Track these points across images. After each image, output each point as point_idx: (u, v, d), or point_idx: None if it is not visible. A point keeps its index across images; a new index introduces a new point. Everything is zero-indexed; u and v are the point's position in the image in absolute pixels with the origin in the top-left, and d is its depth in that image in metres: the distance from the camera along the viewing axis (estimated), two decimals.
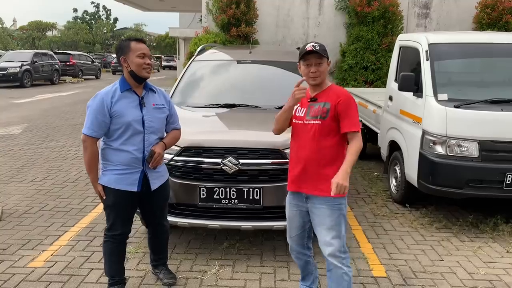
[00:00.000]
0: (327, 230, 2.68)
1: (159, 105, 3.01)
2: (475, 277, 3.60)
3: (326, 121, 2.68)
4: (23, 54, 22.31)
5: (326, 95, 2.74)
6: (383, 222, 4.72)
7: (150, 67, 2.90)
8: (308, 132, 2.72)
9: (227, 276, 3.52)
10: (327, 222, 2.68)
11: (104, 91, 2.88)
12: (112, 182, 2.90)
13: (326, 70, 2.77)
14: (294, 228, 2.91)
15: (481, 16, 9.83)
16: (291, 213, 2.89)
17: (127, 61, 2.85)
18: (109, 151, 2.91)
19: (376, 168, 6.89)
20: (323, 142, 2.68)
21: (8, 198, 5.32)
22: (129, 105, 2.87)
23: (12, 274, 3.50)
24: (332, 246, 2.68)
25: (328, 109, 2.68)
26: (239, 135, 3.88)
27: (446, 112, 4.32)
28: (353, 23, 10.10)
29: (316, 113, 2.71)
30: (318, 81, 2.74)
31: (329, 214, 2.68)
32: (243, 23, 10.04)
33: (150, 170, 2.97)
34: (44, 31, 56.41)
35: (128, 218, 3.08)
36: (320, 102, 2.73)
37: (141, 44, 2.88)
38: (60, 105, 14.17)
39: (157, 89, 3.09)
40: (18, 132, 9.51)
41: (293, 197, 2.87)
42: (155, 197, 3.09)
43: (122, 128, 2.84)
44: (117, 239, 3.06)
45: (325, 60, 2.73)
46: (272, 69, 5.31)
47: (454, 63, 5.11)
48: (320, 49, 2.69)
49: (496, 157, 4.24)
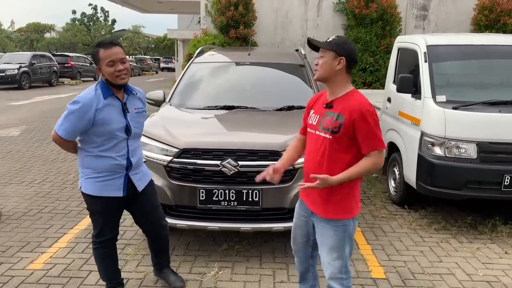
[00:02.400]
0: (329, 251, 2.48)
1: (140, 109, 2.92)
2: (474, 278, 3.61)
3: (337, 137, 2.36)
4: (21, 56, 22.24)
5: (343, 104, 2.39)
6: (382, 224, 4.73)
7: (123, 73, 2.69)
8: (319, 146, 2.43)
9: (226, 278, 3.52)
10: (329, 242, 2.47)
11: (88, 98, 2.68)
12: (98, 190, 2.81)
13: (331, 66, 2.37)
14: (299, 236, 2.74)
15: (479, 18, 9.85)
16: (298, 221, 2.70)
17: (101, 71, 2.70)
18: (89, 158, 2.79)
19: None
20: (332, 161, 2.39)
21: (6, 200, 5.31)
22: (113, 112, 2.74)
23: (11, 277, 3.49)
24: (332, 268, 2.49)
25: (341, 123, 2.34)
26: (238, 137, 3.88)
27: (444, 114, 4.33)
28: (351, 25, 10.12)
29: (327, 126, 2.40)
30: (317, 75, 2.43)
31: (332, 234, 2.46)
32: (241, 25, 10.04)
33: (133, 173, 2.90)
34: (42, 33, 56.41)
35: (116, 222, 3.04)
36: (334, 111, 2.41)
37: (109, 49, 2.65)
38: (58, 107, 14.15)
39: (137, 90, 2.97)
40: (16, 134, 9.50)
41: (301, 206, 2.67)
42: (143, 197, 3.01)
43: (105, 136, 2.73)
44: (107, 244, 3.03)
45: (330, 54, 2.37)
46: (271, 71, 5.32)
47: (453, 65, 5.13)
48: (325, 42, 2.41)
49: (495, 158, 4.25)
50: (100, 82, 2.77)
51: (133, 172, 2.92)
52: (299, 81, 5.05)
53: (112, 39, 3.09)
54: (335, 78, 2.41)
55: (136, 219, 3.17)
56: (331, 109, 2.43)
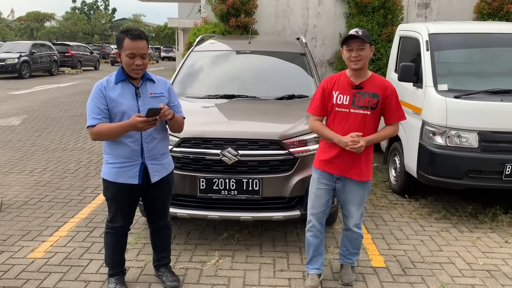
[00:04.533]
0: (358, 206, 3.10)
1: (157, 94, 2.88)
2: (474, 267, 3.62)
3: (375, 112, 2.92)
4: (21, 45, 22.15)
5: (373, 85, 2.92)
6: (382, 213, 4.73)
7: (140, 68, 2.73)
8: (354, 121, 2.92)
9: (226, 267, 3.53)
10: (358, 199, 3.08)
11: (100, 81, 2.81)
12: (113, 175, 2.86)
13: (369, 56, 2.89)
14: (319, 205, 3.13)
15: (482, 6, 9.75)
16: (319, 191, 3.12)
17: (120, 57, 2.76)
18: (109, 144, 2.85)
19: (376, 159, 6.88)
20: (368, 131, 2.92)
21: (7, 189, 5.32)
22: (123, 94, 2.77)
23: (12, 265, 3.51)
24: (356, 217, 3.13)
25: (378, 100, 2.90)
26: (239, 126, 3.87)
27: (446, 103, 4.31)
28: (353, 13, 10.02)
29: (365, 103, 2.90)
30: (360, 65, 2.86)
31: (362, 193, 3.08)
32: (242, 13, 9.95)
33: (150, 162, 2.90)
34: (42, 22, 56.03)
35: (129, 211, 3.06)
36: (368, 91, 2.91)
37: (135, 42, 2.68)
38: (59, 96, 14.13)
39: (158, 78, 2.97)
40: (17, 123, 9.50)
41: (323, 176, 3.10)
42: (156, 190, 3.02)
43: (118, 116, 2.76)
44: (118, 231, 3.06)
45: (367, 46, 2.86)
46: (272, 59, 5.28)
47: (455, 54, 5.09)
48: (362, 34, 2.81)
49: (496, 147, 4.24)
50: (119, 68, 2.84)
51: (151, 162, 2.91)
52: (300, 70, 5.01)
53: (141, 31, 3.00)
54: (367, 64, 2.93)
55: (145, 207, 3.21)
56: (361, 90, 2.92)
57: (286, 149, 3.58)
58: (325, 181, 3.10)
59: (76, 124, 9.52)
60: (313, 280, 3.22)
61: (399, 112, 2.98)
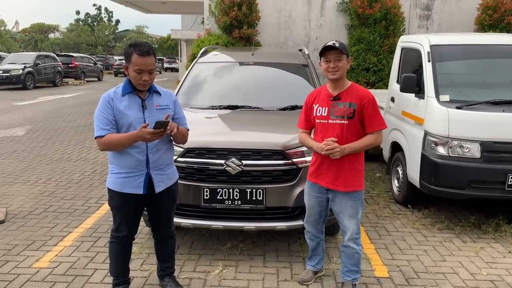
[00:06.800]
0: (349, 218, 3.08)
1: (163, 106, 2.93)
2: (477, 277, 3.61)
3: (353, 121, 2.94)
4: (26, 56, 22.38)
5: (350, 95, 2.97)
6: (386, 223, 4.74)
7: (147, 83, 2.78)
8: (332, 131, 2.97)
9: (230, 277, 3.54)
10: (349, 211, 3.06)
11: (107, 92, 2.87)
12: (118, 185, 2.89)
13: (346, 67, 2.96)
14: (313, 215, 3.25)
15: (483, 17, 9.83)
16: (311, 202, 3.22)
17: (127, 70, 2.81)
18: (114, 154, 2.88)
19: (378, 169, 6.91)
20: (347, 140, 2.94)
21: (12, 199, 5.35)
22: (130, 106, 2.82)
23: (17, 275, 3.53)
24: (351, 230, 3.09)
25: (354, 109, 2.93)
26: (242, 136, 3.90)
27: (448, 113, 4.34)
28: (355, 24, 10.11)
29: (341, 113, 2.95)
30: (338, 75, 2.93)
31: (351, 204, 3.06)
32: (245, 25, 10.06)
33: (155, 172, 2.93)
34: (46, 33, 56.62)
35: (134, 220, 3.07)
36: (345, 101, 2.96)
37: (143, 58, 2.72)
38: (62, 107, 14.22)
39: (164, 91, 3.02)
40: (21, 134, 9.56)
41: (313, 188, 3.17)
42: (161, 200, 3.04)
43: (123, 129, 2.80)
44: (123, 241, 3.08)
45: (344, 57, 2.93)
46: (275, 70, 5.33)
47: (456, 65, 5.12)
48: (339, 46, 2.89)
49: (498, 158, 4.25)
50: (125, 80, 2.89)
51: (156, 172, 2.94)
52: (303, 80, 5.06)
53: (150, 46, 3.03)
54: (344, 75, 2.99)
55: (149, 217, 3.23)
56: (339, 100, 2.97)
57: (289, 159, 3.60)
58: (315, 193, 3.17)
59: (80, 135, 9.58)
60: (307, 274, 3.46)
61: (377, 121, 2.96)
